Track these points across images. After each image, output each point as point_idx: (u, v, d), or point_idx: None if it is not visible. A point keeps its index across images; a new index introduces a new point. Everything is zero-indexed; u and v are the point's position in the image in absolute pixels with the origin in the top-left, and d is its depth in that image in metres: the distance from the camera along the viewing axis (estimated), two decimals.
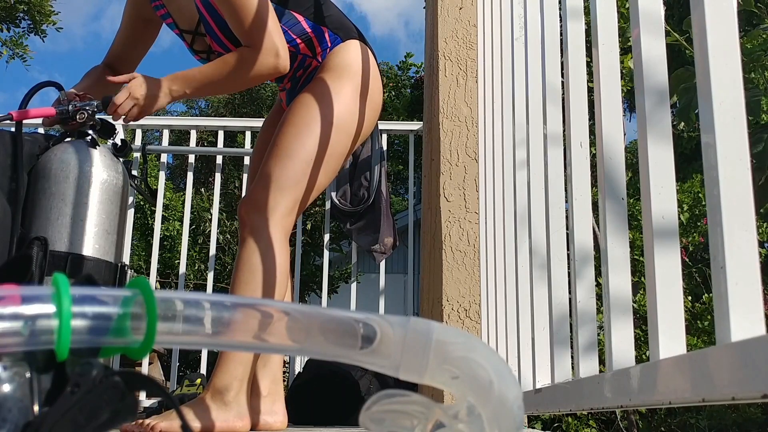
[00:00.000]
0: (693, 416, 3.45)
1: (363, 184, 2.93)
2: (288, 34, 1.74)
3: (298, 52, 1.77)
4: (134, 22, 1.89)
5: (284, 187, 1.60)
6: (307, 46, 1.76)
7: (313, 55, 1.77)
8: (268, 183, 1.60)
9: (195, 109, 18.86)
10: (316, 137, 1.64)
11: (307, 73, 1.79)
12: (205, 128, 3.28)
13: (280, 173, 1.61)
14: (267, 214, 1.58)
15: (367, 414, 0.53)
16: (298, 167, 1.62)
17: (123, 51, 1.91)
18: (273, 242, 1.58)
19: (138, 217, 6.58)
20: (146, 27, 1.89)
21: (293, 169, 1.61)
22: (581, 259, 0.98)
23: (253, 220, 1.59)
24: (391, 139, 3.97)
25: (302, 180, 1.63)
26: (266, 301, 0.54)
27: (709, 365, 0.58)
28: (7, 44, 8.12)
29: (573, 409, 0.99)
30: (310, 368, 2.39)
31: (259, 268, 1.56)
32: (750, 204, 0.60)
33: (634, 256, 3.71)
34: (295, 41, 1.75)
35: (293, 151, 1.62)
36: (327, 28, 1.77)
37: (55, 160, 1.58)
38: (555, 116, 1.17)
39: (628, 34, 2.51)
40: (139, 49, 1.93)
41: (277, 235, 1.59)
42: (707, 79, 0.63)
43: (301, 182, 1.62)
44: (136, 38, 1.91)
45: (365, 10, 42.47)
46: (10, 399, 0.46)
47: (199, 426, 1.45)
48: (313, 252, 6.82)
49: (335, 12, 1.82)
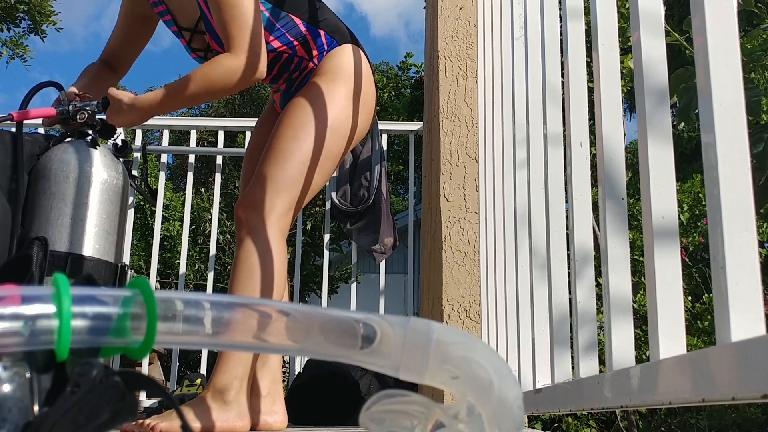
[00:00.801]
0: (693, 416, 3.45)
1: (363, 184, 2.93)
2: (285, 37, 1.75)
3: (294, 54, 1.77)
4: (131, 19, 1.89)
5: (281, 188, 1.62)
6: (304, 48, 1.77)
7: (309, 58, 1.78)
8: (265, 184, 1.62)
9: (195, 109, 18.84)
10: (313, 139, 1.66)
11: (303, 75, 1.80)
12: (205, 128, 3.28)
13: (277, 174, 1.62)
14: (264, 215, 1.60)
15: (367, 414, 0.53)
16: (295, 168, 1.63)
17: (119, 48, 1.91)
18: (271, 242, 1.59)
19: (138, 217, 6.58)
20: (143, 24, 1.89)
21: (290, 170, 1.63)
22: (581, 259, 0.98)
23: (250, 220, 1.60)
24: (391, 139, 3.97)
25: (299, 181, 1.64)
26: (266, 302, 0.54)
27: (709, 365, 0.58)
28: (7, 44, 8.13)
29: (573, 409, 0.99)
30: (310, 368, 2.39)
31: (257, 269, 1.57)
32: (750, 204, 0.60)
33: (634, 256, 3.71)
34: (292, 43, 1.76)
35: (290, 152, 1.64)
36: (323, 30, 1.77)
37: (55, 160, 1.58)
38: (555, 116, 1.17)
39: (628, 34, 2.51)
40: (135, 46, 1.93)
41: (275, 235, 1.60)
42: (707, 79, 0.63)
43: (297, 183, 1.64)
44: (132, 35, 1.91)
45: (365, 10, 42.50)
46: (10, 399, 0.46)
47: (199, 426, 1.45)
48: (313, 252, 6.82)
49: (330, 15, 1.83)
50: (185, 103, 1.63)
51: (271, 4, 1.73)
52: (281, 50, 1.76)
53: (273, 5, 1.74)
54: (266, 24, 1.73)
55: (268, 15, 1.73)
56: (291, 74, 1.81)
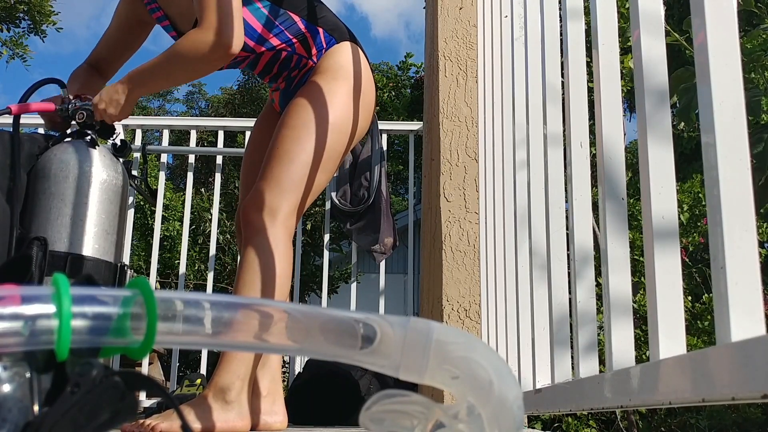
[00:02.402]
0: (693, 416, 3.45)
1: (363, 184, 2.93)
2: (284, 34, 1.75)
3: (294, 52, 1.77)
4: (127, 24, 1.88)
5: (286, 189, 1.62)
6: (303, 46, 1.77)
7: (309, 56, 1.78)
8: (271, 185, 1.62)
9: (195, 109, 18.84)
10: (315, 139, 1.66)
11: (302, 73, 1.79)
12: (205, 128, 3.28)
13: (282, 176, 1.63)
14: (270, 216, 1.60)
15: (367, 414, 0.53)
16: (300, 169, 1.64)
17: (110, 52, 1.90)
18: (277, 244, 1.59)
19: (138, 217, 6.58)
20: (138, 29, 1.89)
21: (294, 171, 1.63)
22: (581, 259, 0.98)
23: (256, 221, 1.60)
24: (391, 139, 3.97)
25: (303, 181, 1.65)
26: (266, 301, 0.54)
27: (709, 365, 0.58)
28: (7, 44, 8.13)
29: (573, 409, 0.99)
30: (310, 368, 2.39)
31: (264, 270, 1.57)
32: (750, 204, 0.60)
33: (634, 256, 3.71)
34: (291, 41, 1.76)
35: (294, 153, 1.64)
36: (322, 28, 1.77)
37: (54, 160, 1.58)
38: (555, 116, 1.17)
39: (628, 34, 2.51)
40: (127, 52, 1.92)
41: (281, 236, 1.61)
42: (707, 79, 0.63)
43: (302, 184, 1.65)
44: (126, 40, 1.90)
45: (366, 11, 42.51)
46: (10, 399, 0.46)
47: (199, 426, 1.45)
48: (313, 252, 6.82)
49: (329, 14, 1.83)
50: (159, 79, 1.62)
51: (270, 2, 1.73)
52: (280, 48, 1.76)
53: (272, 3, 1.74)
54: (265, 22, 1.73)
55: (267, 13, 1.73)
56: (290, 72, 1.81)
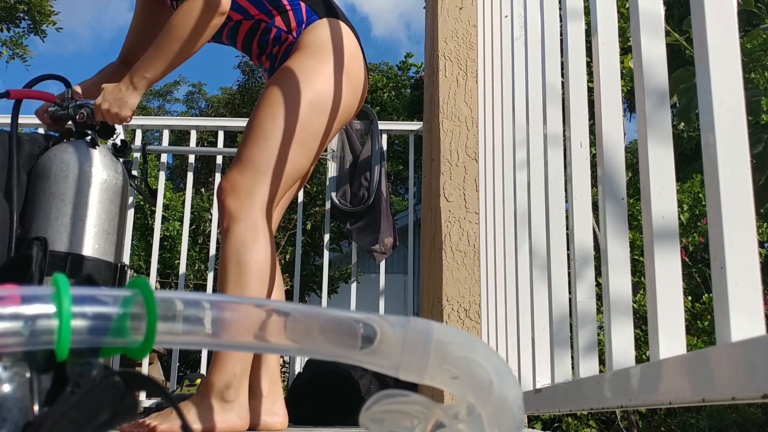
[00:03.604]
0: (693, 416, 3.45)
1: (363, 184, 2.93)
2: (263, 5, 1.71)
3: (273, 25, 1.72)
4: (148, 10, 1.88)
5: (263, 171, 1.56)
6: (283, 19, 1.72)
7: (288, 30, 1.72)
8: (246, 167, 1.57)
9: (195, 109, 18.83)
10: (293, 117, 1.59)
11: (282, 49, 1.74)
12: (205, 128, 3.28)
13: (257, 157, 1.57)
14: (248, 200, 1.55)
15: (367, 414, 0.53)
16: (275, 148, 1.57)
17: (138, 43, 1.89)
18: (257, 230, 1.54)
19: (138, 217, 6.58)
20: (160, 14, 1.87)
21: (270, 151, 1.57)
22: (581, 260, 0.98)
23: (232, 208, 1.55)
24: (391, 139, 3.97)
25: (281, 162, 1.58)
26: (266, 301, 0.54)
27: (709, 365, 0.58)
28: (7, 44, 8.13)
29: (573, 409, 0.99)
30: (310, 368, 2.39)
31: (246, 261, 1.52)
32: (750, 204, 0.60)
33: (634, 256, 3.71)
34: (270, 12, 1.72)
35: (269, 132, 1.58)
36: (305, 3, 1.73)
37: (54, 160, 1.58)
38: (555, 116, 1.17)
39: (628, 34, 2.51)
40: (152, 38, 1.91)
41: (260, 221, 1.55)
42: (707, 79, 0.63)
43: (279, 164, 1.58)
44: (151, 27, 1.88)
45: (366, 11, 42.47)
46: (10, 399, 0.46)
47: (200, 427, 1.45)
48: (313, 252, 6.82)
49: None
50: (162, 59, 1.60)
51: None
52: (259, 18, 1.72)
53: None
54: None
55: None
56: (272, 49, 1.76)
